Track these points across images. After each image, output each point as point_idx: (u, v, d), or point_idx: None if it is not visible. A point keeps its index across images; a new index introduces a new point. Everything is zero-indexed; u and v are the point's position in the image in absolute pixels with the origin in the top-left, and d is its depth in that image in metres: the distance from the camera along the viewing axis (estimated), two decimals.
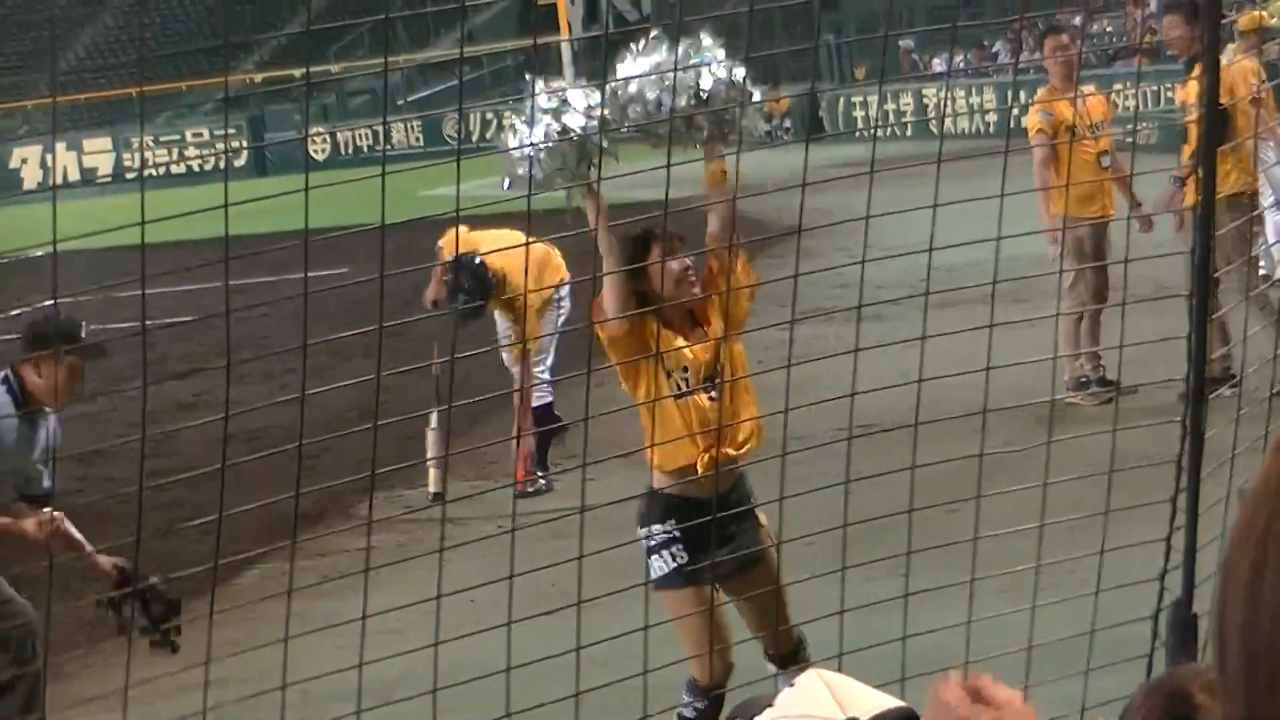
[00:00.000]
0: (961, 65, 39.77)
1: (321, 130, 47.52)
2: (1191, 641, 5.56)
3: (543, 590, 5.70)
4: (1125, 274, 6.28)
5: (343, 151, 47.78)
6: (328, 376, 5.78)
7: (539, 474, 11.53)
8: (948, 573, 6.01)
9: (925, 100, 39.63)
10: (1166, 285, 6.23)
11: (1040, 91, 12.91)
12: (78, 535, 7.32)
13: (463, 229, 11.06)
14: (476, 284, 11.06)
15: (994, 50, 42.36)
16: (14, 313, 12.06)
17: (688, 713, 6.50)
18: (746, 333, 6.81)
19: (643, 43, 6.14)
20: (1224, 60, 7.74)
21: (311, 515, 9.99)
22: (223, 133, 46.98)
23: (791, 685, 2.46)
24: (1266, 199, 13.06)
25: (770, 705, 2.45)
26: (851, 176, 6.12)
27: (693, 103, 6.07)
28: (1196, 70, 11.94)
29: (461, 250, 10.74)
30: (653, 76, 5.99)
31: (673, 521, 6.38)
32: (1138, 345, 5.96)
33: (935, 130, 30.78)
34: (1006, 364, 5.62)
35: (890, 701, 2.40)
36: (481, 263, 11.02)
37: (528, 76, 6.17)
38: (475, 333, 11.06)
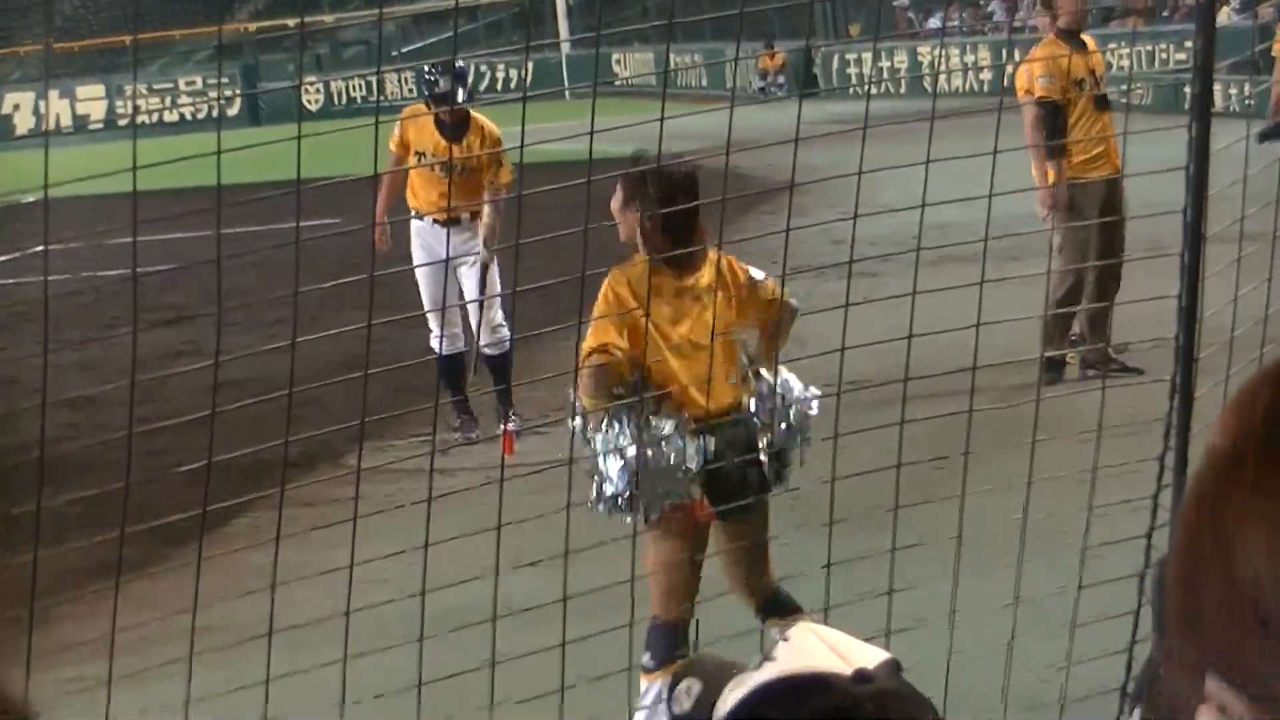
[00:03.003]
0: (956, 24, 39.67)
1: (315, 80, 47.38)
2: None
3: (529, 541, 5.72)
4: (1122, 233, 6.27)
5: (336, 102, 47.64)
6: (317, 327, 5.77)
7: (511, 413, 11.38)
8: (934, 529, 6.03)
9: (920, 58, 39.54)
10: (1161, 244, 6.22)
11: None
12: None
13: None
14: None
15: (989, 9, 42.28)
16: (4, 258, 12.04)
17: (651, 662, 6.38)
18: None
19: None
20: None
21: (300, 464, 9.99)
22: (216, 81, 46.80)
23: (785, 639, 2.47)
24: None
25: (735, 673, 2.45)
26: (844, 133, 6.12)
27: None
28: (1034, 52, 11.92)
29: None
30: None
31: None
32: (1129, 304, 5.96)
33: (929, 88, 30.74)
34: (997, 321, 5.62)
35: (880, 654, 2.41)
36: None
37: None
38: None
